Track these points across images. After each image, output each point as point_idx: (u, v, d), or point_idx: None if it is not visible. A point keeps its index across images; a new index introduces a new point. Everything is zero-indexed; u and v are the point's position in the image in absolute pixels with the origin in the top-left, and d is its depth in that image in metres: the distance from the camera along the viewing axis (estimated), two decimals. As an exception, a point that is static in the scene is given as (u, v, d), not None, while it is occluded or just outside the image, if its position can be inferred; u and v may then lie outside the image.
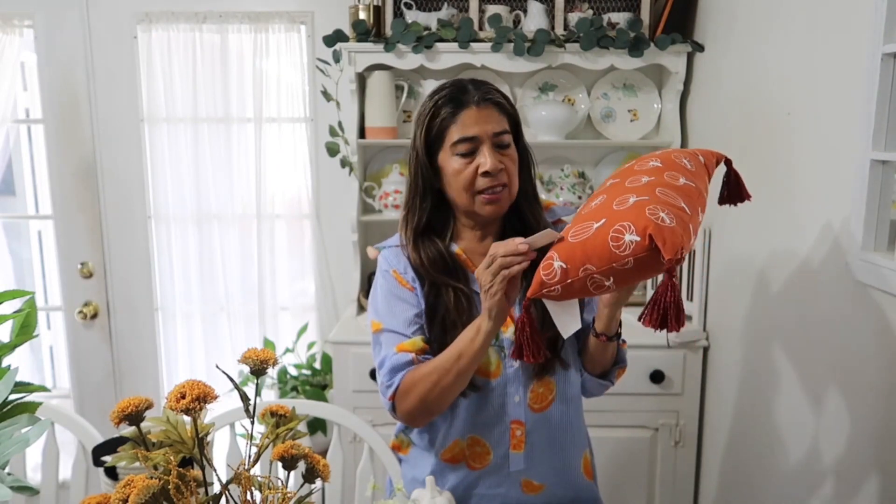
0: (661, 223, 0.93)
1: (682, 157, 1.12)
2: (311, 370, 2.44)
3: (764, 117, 1.75)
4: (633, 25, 2.18)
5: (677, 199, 1.00)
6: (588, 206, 1.06)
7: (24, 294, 1.06)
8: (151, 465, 0.79)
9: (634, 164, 1.11)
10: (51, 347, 2.83)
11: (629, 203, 0.97)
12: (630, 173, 1.07)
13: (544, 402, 1.26)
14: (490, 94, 1.21)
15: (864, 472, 1.35)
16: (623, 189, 1.02)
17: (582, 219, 1.01)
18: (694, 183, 1.06)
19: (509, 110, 1.23)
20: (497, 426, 1.24)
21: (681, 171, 1.07)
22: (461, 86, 1.22)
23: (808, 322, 1.54)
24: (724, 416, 1.99)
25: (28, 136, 2.64)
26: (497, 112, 1.20)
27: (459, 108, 1.18)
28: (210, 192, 2.48)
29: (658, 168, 1.06)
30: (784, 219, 1.65)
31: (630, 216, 0.95)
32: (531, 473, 1.26)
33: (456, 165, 1.19)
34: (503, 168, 1.18)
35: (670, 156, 1.11)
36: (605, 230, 0.95)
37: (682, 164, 1.09)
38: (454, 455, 1.26)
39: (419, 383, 1.16)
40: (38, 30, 2.42)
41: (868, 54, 1.29)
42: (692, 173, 1.08)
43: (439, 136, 1.20)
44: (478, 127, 1.17)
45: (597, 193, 1.08)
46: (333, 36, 2.22)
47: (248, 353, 0.88)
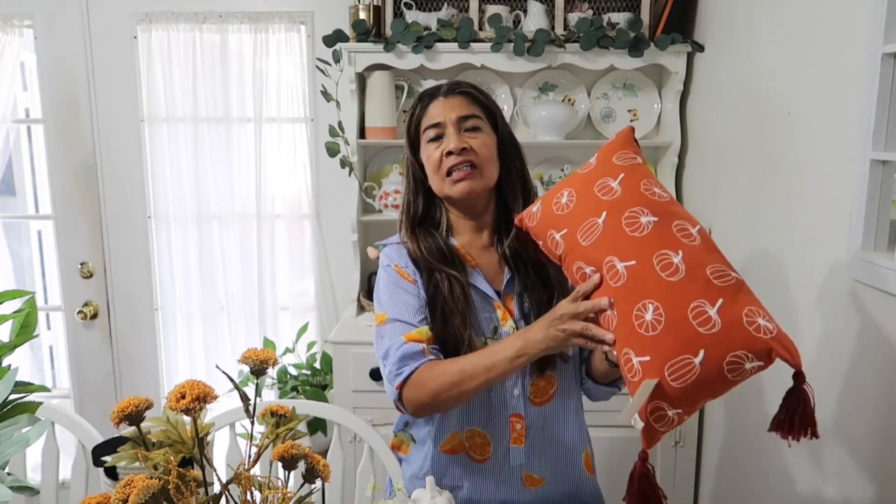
0: (771, 335, 0.89)
1: (653, 186, 1.05)
2: (311, 370, 2.44)
3: (764, 117, 1.75)
4: (633, 25, 2.18)
5: (729, 274, 0.94)
6: (619, 279, 0.96)
7: (24, 294, 1.06)
8: (151, 465, 0.79)
9: (625, 215, 1.00)
10: (51, 347, 2.82)
11: (714, 320, 0.88)
12: (652, 245, 0.96)
13: (545, 395, 1.26)
14: (459, 86, 1.29)
15: (864, 472, 1.35)
16: (671, 290, 0.92)
17: (663, 348, 0.90)
18: (697, 226, 1.01)
19: (482, 100, 1.28)
20: (496, 419, 1.24)
21: (681, 217, 1.01)
22: (438, 85, 1.31)
23: (807, 322, 1.54)
24: (724, 416, 1.99)
25: (28, 136, 2.64)
26: (465, 100, 1.26)
27: (429, 101, 1.28)
28: (210, 192, 2.48)
29: (663, 229, 0.98)
30: (784, 219, 1.64)
31: (738, 340, 0.88)
32: (532, 468, 1.26)
33: (428, 152, 1.26)
34: (467, 147, 1.22)
35: (644, 195, 1.02)
36: (715, 364, 0.88)
37: (678, 211, 1.03)
38: (453, 447, 1.26)
39: (437, 379, 1.14)
40: (38, 30, 2.42)
41: (868, 54, 1.29)
42: (673, 203, 1.04)
43: (417, 131, 1.29)
44: (442, 113, 1.25)
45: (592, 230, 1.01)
46: (333, 36, 2.22)
47: (248, 353, 0.88)
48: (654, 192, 1.03)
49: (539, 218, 1.10)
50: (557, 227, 1.06)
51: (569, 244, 1.04)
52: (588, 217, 1.02)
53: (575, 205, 1.04)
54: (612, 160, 1.08)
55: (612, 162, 1.08)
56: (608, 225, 1.00)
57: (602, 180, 1.05)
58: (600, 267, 0.98)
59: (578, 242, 1.02)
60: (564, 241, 1.04)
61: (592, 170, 1.09)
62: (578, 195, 1.05)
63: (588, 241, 1.01)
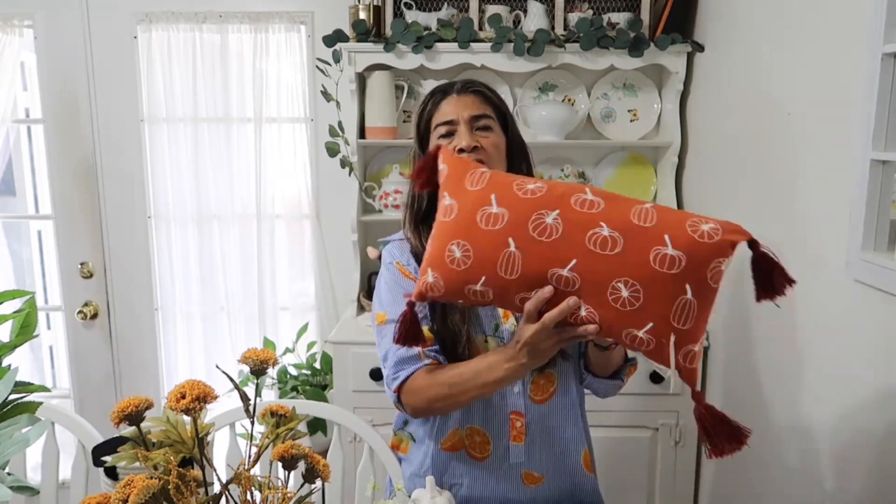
0: (720, 232, 0.94)
1: (525, 184, 1.00)
2: (311, 370, 2.44)
3: (764, 117, 1.75)
4: (633, 25, 2.18)
5: (647, 209, 0.96)
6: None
7: (24, 294, 1.06)
8: (151, 465, 0.79)
9: (530, 228, 0.96)
10: (51, 347, 2.82)
11: (676, 257, 0.91)
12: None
13: (545, 393, 1.26)
14: (472, 85, 1.28)
15: (864, 472, 1.35)
16: (624, 259, 0.93)
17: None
18: (585, 189, 0.99)
19: (493, 100, 1.28)
20: (496, 417, 1.24)
21: (568, 193, 0.97)
22: (450, 82, 1.31)
23: (807, 322, 1.54)
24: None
25: (28, 136, 2.64)
26: (478, 99, 1.26)
27: (442, 98, 1.28)
28: (210, 192, 2.48)
29: (569, 214, 0.95)
30: (784, 219, 1.64)
31: (704, 256, 0.92)
32: (531, 465, 1.26)
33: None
34: (478, 146, 1.22)
35: (529, 199, 0.97)
36: (702, 287, 0.93)
37: (562, 190, 0.98)
38: (453, 444, 1.26)
39: (432, 388, 1.16)
40: (38, 30, 2.42)
41: (868, 54, 1.29)
42: (553, 187, 0.99)
43: (427, 127, 1.28)
44: (455, 111, 1.25)
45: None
46: (333, 36, 2.22)
47: (248, 353, 0.88)
48: (530, 189, 0.98)
49: (443, 284, 1.00)
50: (472, 280, 0.97)
51: (498, 286, 0.97)
52: (499, 252, 0.95)
53: (475, 251, 0.97)
54: (469, 189, 1.01)
55: (471, 190, 1.01)
56: (523, 247, 0.95)
57: (480, 212, 0.98)
58: (545, 283, 0.96)
59: (506, 279, 0.96)
60: (490, 286, 0.97)
61: (460, 211, 1.00)
62: (471, 241, 0.97)
63: (517, 272, 0.95)
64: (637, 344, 0.95)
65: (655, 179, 2.44)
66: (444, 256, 0.99)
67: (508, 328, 1.23)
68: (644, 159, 2.45)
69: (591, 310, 0.95)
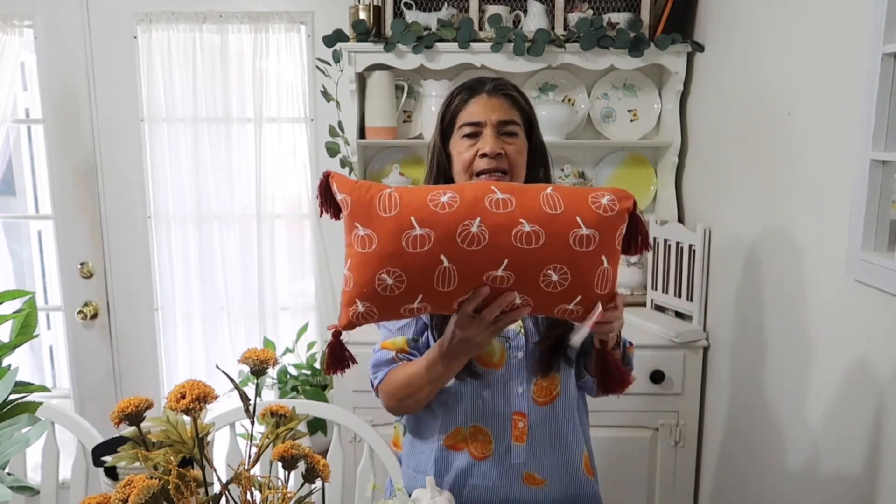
0: (616, 202, 1.04)
1: (439, 196, 1.02)
2: (311, 370, 2.44)
3: (764, 117, 1.75)
4: (633, 25, 2.18)
5: (550, 194, 1.03)
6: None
7: (24, 294, 1.06)
8: (151, 465, 0.79)
9: (458, 239, 0.99)
10: (51, 347, 2.82)
11: (591, 235, 1.02)
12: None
13: (549, 396, 1.26)
14: (504, 87, 1.26)
15: (864, 472, 1.35)
16: (548, 248, 1.01)
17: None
18: (493, 188, 1.04)
19: (523, 105, 1.27)
20: (499, 416, 1.24)
21: (478, 196, 1.02)
22: (480, 79, 1.28)
23: (807, 322, 1.54)
24: (724, 416, 1.99)
25: (28, 136, 2.64)
26: (507, 103, 1.25)
27: (471, 96, 1.25)
28: (210, 192, 2.48)
29: (491, 219, 1.00)
30: (783, 219, 1.65)
31: (610, 228, 1.03)
32: (533, 467, 1.26)
33: (460, 148, 1.24)
34: (503, 153, 1.21)
35: (447, 212, 1.00)
36: (613, 254, 1.04)
37: (471, 194, 1.02)
38: (456, 442, 1.26)
39: (396, 388, 1.24)
40: (38, 30, 2.42)
41: (868, 54, 1.29)
42: (460, 190, 1.03)
43: (451, 122, 1.26)
44: (483, 113, 1.23)
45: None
46: (333, 36, 2.22)
47: (248, 353, 0.88)
48: (445, 202, 1.00)
49: (377, 310, 1.03)
50: (409, 300, 1.01)
51: (435, 299, 1.02)
52: (432, 270, 0.99)
53: (408, 274, 0.99)
54: (384, 215, 1.01)
55: (387, 217, 1.01)
56: (456, 260, 0.99)
57: (404, 237, 0.99)
58: (482, 286, 1.01)
59: (444, 291, 1.01)
60: (428, 301, 1.02)
61: (381, 240, 1.00)
62: (401, 266, 0.99)
63: (454, 284, 1.00)
64: (567, 315, 1.05)
65: (655, 179, 2.44)
66: (374, 286, 1.00)
67: (515, 329, 1.24)
68: (644, 159, 2.45)
69: (525, 297, 1.03)
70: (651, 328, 2.12)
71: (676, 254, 2.17)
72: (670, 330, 2.05)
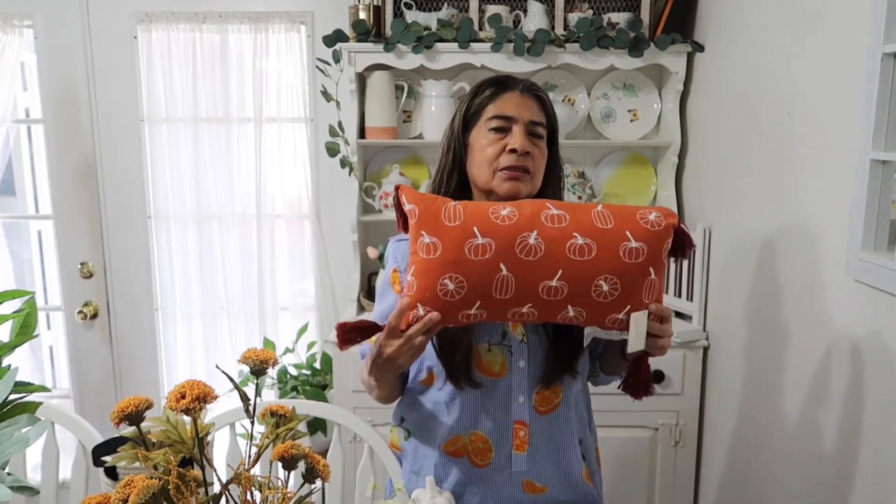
0: (662, 218, 1.10)
1: (500, 209, 1.09)
2: (311, 370, 2.44)
3: (764, 117, 1.75)
4: (633, 25, 2.18)
5: (600, 211, 1.10)
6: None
7: (24, 294, 1.06)
8: (151, 465, 0.79)
9: (517, 251, 1.06)
10: (51, 347, 2.82)
11: (639, 248, 1.08)
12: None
13: (550, 405, 1.25)
14: (536, 89, 1.25)
15: (864, 472, 1.35)
16: (600, 261, 1.07)
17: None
18: (547, 205, 1.10)
19: (550, 112, 1.26)
20: (500, 425, 1.24)
21: (536, 211, 1.08)
22: (510, 76, 1.27)
23: (807, 322, 1.54)
24: (724, 416, 1.99)
25: (28, 136, 2.64)
26: (538, 106, 1.24)
27: (503, 90, 1.23)
28: (210, 192, 2.48)
29: (547, 231, 1.07)
30: (784, 218, 1.65)
31: (658, 244, 1.10)
32: (534, 475, 1.25)
33: (484, 141, 1.22)
34: (530, 153, 1.20)
35: (506, 225, 1.07)
36: (661, 265, 1.11)
37: (532, 209, 1.09)
38: (456, 449, 1.26)
39: (363, 381, 1.27)
40: (38, 30, 2.42)
41: (868, 54, 1.29)
42: (521, 206, 1.10)
43: (477, 113, 1.24)
44: (516, 109, 1.21)
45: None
46: (333, 36, 2.22)
47: (248, 353, 0.88)
48: (505, 216, 1.07)
49: (440, 311, 1.07)
50: (467, 306, 1.07)
51: (493, 307, 1.07)
52: (491, 278, 1.05)
53: (468, 281, 1.05)
54: (449, 225, 1.07)
55: (452, 226, 1.07)
56: (514, 269, 1.05)
57: (467, 245, 1.05)
58: (536, 296, 1.06)
59: (502, 299, 1.06)
60: (485, 308, 1.07)
61: (445, 247, 1.06)
62: (463, 273, 1.05)
63: (511, 292, 1.06)
64: (618, 325, 1.10)
65: (655, 179, 2.44)
66: (437, 291, 1.06)
67: (517, 336, 1.23)
68: (644, 159, 2.45)
69: (578, 309, 1.08)
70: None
71: (676, 254, 2.17)
72: (670, 330, 2.05)
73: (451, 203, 1.10)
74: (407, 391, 1.33)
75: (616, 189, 2.45)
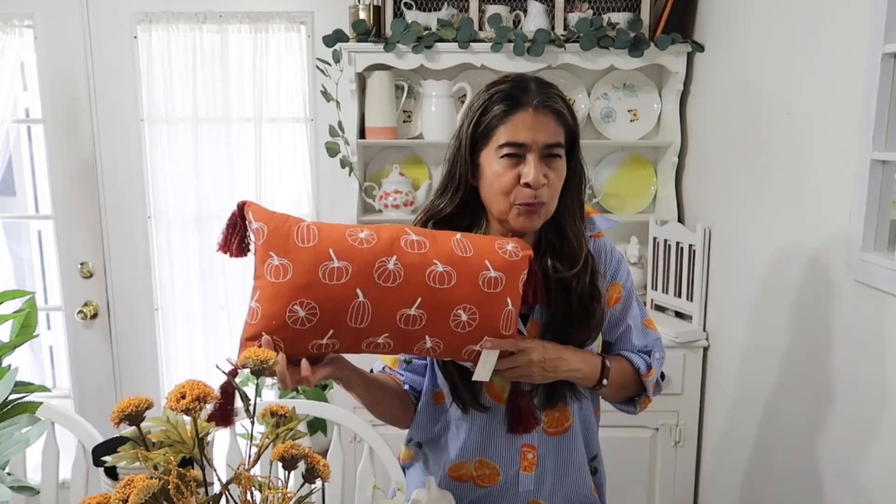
0: (519, 249, 1.09)
1: (357, 232, 1.04)
2: (311, 370, 2.43)
3: (764, 117, 1.75)
4: (633, 25, 2.18)
5: (460, 240, 1.08)
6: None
7: (24, 294, 1.06)
8: (151, 465, 0.79)
9: (375, 276, 1.01)
10: (51, 347, 2.82)
11: (497, 277, 1.06)
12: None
13: (561, 427, 1.23)
14: (551, 101, 1.10)
15: (864, 472, 1.35)
16: (461, 288, 1.05)
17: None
18: (406, 231, 1.07)
19: (569, 120, 1.12)
20: (507, 449, 1.22)
21: (395, 237, 1.04)
22: (523, 84, 1.11)
23: (807, 322, 1.54)
24: (724, 416, 1.99)
25: (28, 136, 2.64)
26: (555, 121, 1.10)
27: (514, 109, 1.09)
28: (210, 192, 2.48)
29: (406, 259, 1.03)
30: (784, 219, 1.65)
31: (514, 276, 1.08)
32: (540, 494, 1.24)
33: (497, 168, 1.10)
34: (546, 184, 1.09)
35: (366, 248, 1.02)
36: (516, 296, 1.08)
37: (389, 234, 1.05)
38: (460, 475, 1.25)
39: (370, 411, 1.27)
40: (38, 30, 2.42)
41: (868, 54, 1.29)
42: (379, 231, 1.06)
43: (486, 134, 1.11)
44: (530, 134, 1.08)
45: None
46: (333, 36, 2.22)
47: (248, 353, 0.88)
48: (363, 238, 1.02)
49: (283, 346, 1.00)
50: (319, 335, 1.01)
51: (346, 337, 1.02)
52: (347, 304, 0.99)
53: (321, 307, 0.99)
54: (302, 246, 1.00)
55: (305, 247, 1.00)
56: (371, 295, 1.00)
57: (321, 268, 0.99)
58: (394, 325, 1.02)
59: (357, 328, 1.01)
60: (338, 337, 1.02)
61: (297, 270, 0.99)
62: (316, 298, 0.99)
63: (367, 320, 1.01)
64: (474, 357, 1.07)
65: (655, 179, 2.44)
66: (286, 318, 0.98)
67: None
68: (644, 159, 2.45)
69: (436, 340, 1.04)
70: (651, 328, 2.12)
71: (676, 254, 2.17)
72: (670, 330, 2.05)
73: (304, 222, 1.03)
74: (419, 411, 1.27)
75: (616, 189, 2.45)
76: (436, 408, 1.26)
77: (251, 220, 1.03)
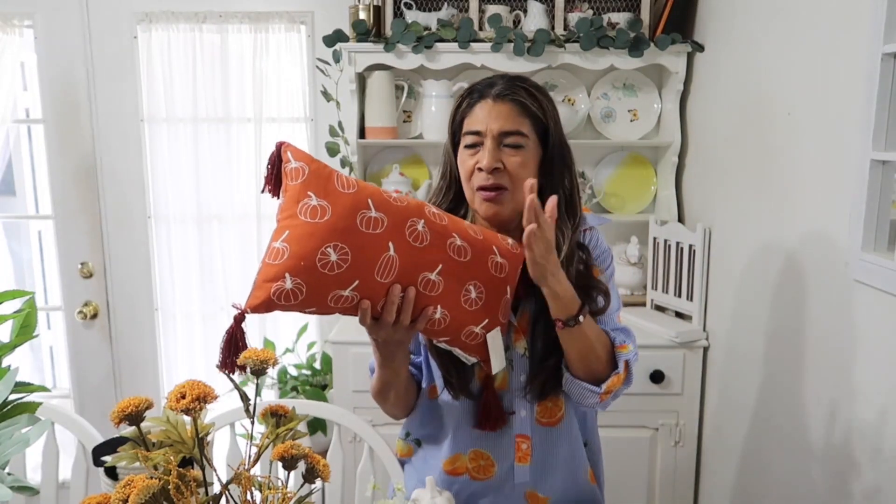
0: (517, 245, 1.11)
1: (391, 191, 1.07)
2: (311, 370, 2.44)
3: (764, 117, 1.75)
4: (633, 25, 2.18)
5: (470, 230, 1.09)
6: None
7: (24, 294, 1.06)
8: (151, 465, 0.79)
9: (406, 235, 1.01)
10: (51, 347, 2.82)
11: (502, 263, 1.09)
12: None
13: (553, 417, 1.23)
14: (512, 91, 1.14)
15: (864, 472, 1.35)
16: (472, 265, 1.07)
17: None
18: (427, 206, 1.08)
19: (532, 110, 1.14)
20: (501, 440, 1.22)
21: (420, 208, 1.05)
22: (493, 80, 1.17)
23: (807, 322, 1.54)
24: (724, 416, 1.99)
25: (28, 136, 2.64)
26: (515, 110, 1.13)
27: (477, 101, 1.15)
28: (210, 192, 2.48)
29: (432, 224, 1.05)
30: (784, 219, 1.65)
31: (516, 265, 1.10)
32: (537, 486, 1.24)
33: (463, 156, 1.16)
34: (501, 168, 1.12)
35: (401, 205, 1.03)
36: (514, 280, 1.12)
37: (412, 203, 1.05)
38: (455, 468, 1.25)
39: (375, 392, 1.23)
40: (38, 30, 2.42)
41: (868, 54, 1.29)
42: (404, 199, 1.06)
43: (459, 127, 1.18)
44: (484, 122, 1.13)
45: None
46: (333, 36, 2.22)
47: (248, 353, 0.88)
48: (395, 198, 1.03)
49: (306, 291, 0.95)
50: (343, 285, 0.96)
51: (368, 291, 0.98)
52: (378, 256, 0.97)
53: (354, 254, 0.96)
54: (342, 191, 0.99)
55: (345, 193, 0.99)
56: (400, 252, 0.99)
57: (359, 215, 0.97)
58: (415, 285, 1.01)
59: (378, 282, 0.98)
60: (360, 291, 0.98)
61: (335, 213, 0.97)
62: (350, 244, 0.96)
63: (392, 276, 0.99)
64: (472, 338, 1.08)
65: (655, 179, 2.44)
66: (315, 259, 0.94)
67: (519, 351, 1.19)
68: (644, 159, 2.45)
69: (445, 312, 1.04)
70: (651, 328, 2.12)
71: (676, 254, 2.17)
72: (670, 330, 2.05)
73: (343, 171, 1.05)
74: (417, 408, 1.28)
75: (616, 189, 2.45)
76: (432, 404, 1.27)
77: (289, 160, 1.00)
